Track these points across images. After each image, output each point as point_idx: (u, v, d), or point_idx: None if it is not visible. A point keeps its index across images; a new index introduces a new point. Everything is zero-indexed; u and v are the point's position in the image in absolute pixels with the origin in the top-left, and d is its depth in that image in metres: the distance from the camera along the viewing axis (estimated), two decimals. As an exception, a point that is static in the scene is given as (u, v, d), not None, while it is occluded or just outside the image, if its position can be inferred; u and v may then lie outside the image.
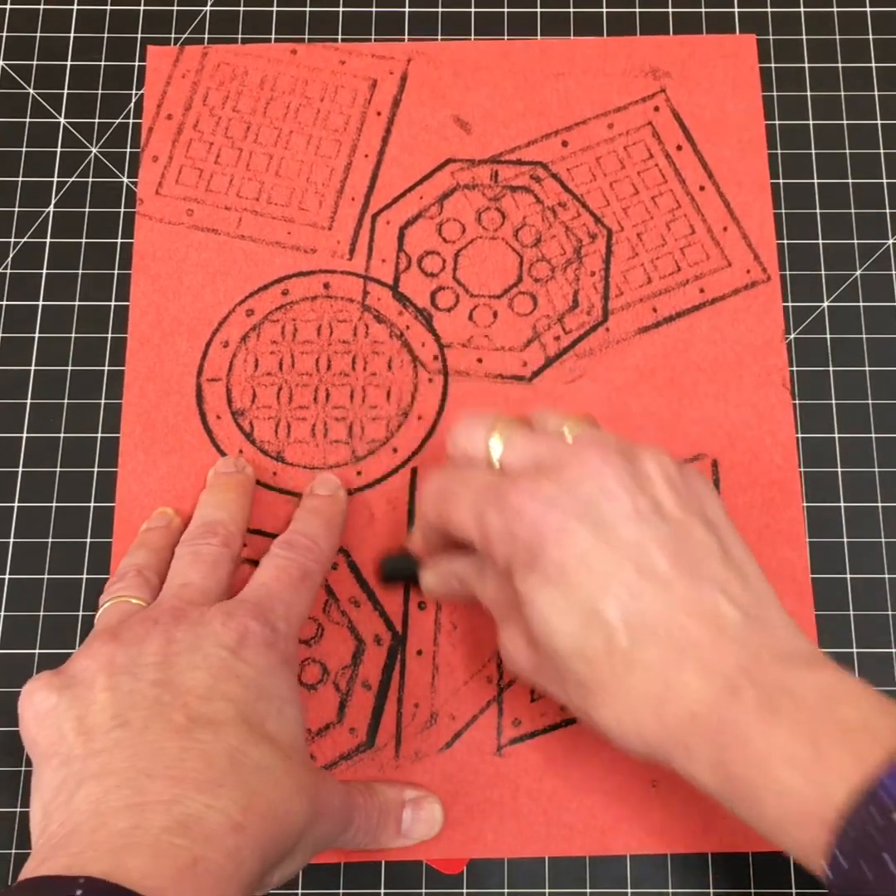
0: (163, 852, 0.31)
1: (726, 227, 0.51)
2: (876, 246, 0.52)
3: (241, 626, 0.39)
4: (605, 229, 0.51)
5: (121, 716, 0.36)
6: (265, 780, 0.35)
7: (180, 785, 0.33)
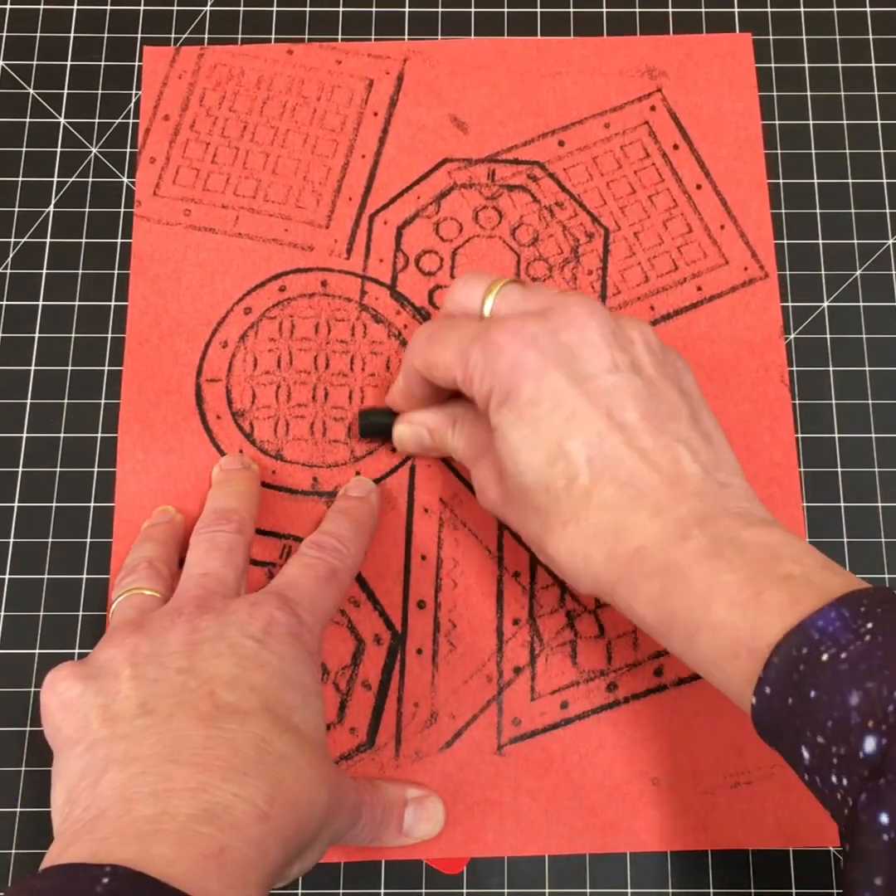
0: (188, 840, 0.31)
1: (723, 226, 0.51)
2: (876, 246, 0.52)
3: (267, 615, 0.39)
4: (603, 228, 0.51)
5: (146, 704, 0.36)
6: (289, 771, 0.35)
7: (206, 773, 0.34)
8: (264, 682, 0.37)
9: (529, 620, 0.46)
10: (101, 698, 0.37)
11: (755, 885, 0.44)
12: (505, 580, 0.47)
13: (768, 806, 0.44)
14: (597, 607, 0.46)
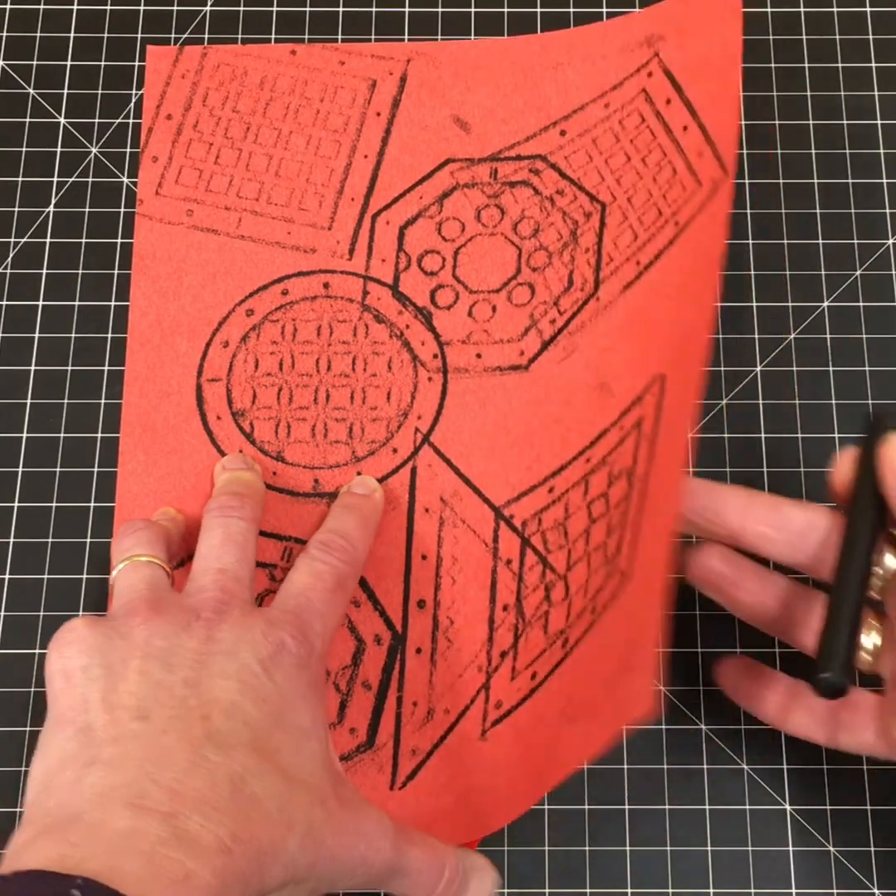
0: (157, 862, 0.31)
1: (702, 153, 0.49)
2: (876, 246, 0.52)
3: (279, 641, 0.38)
4: (600, 205, 0.51)
5: (144, 708, 0.36)
6: (256, 812, 0.35)
7: (180, 800, 0.33)
8: (259, 718, 0.37)
9: (516, 604, 0.46)
10: (103, 682, 0.37)
11: (755, 885, 0.44)
12: (498, 570, 0.47)
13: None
14: (567, 571, 0.46)
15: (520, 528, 0.47)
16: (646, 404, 0.47)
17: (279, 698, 0.38)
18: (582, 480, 0.47)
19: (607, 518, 0.46)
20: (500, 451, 0.48)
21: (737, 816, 0.45)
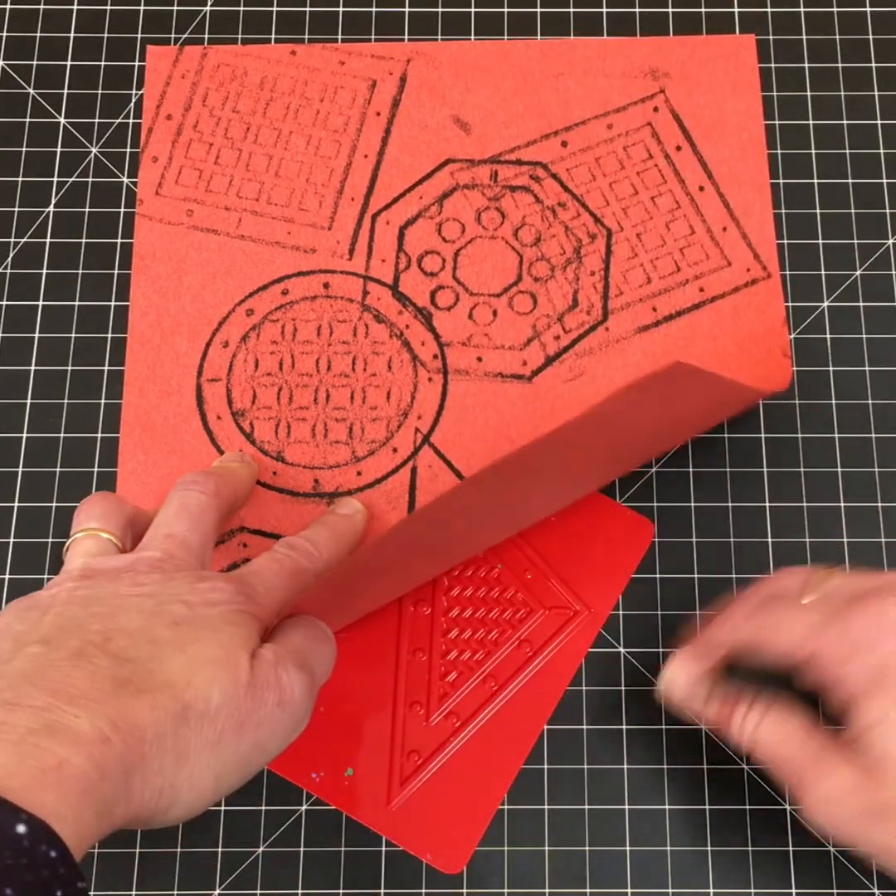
0: (27, 752, 0.31)
1: (726, 228, 0.51)
2: (876, 246, 0.52)
3: (210, 587, 0.38)
4: (605, 229, 0.51)
5: (49, 637, 0.36)
6: (141, 704, 0.34)
7: (56, 696, 0.33)
8: (167, 636, 0.36)
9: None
10: (22, 626, 0.37)
11: (755, 885, 0.44)
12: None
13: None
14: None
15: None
16: None
17: (196, 620, 0.37)
18: None
19: None
20: None
21: (737, 816, 0.45)
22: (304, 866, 0.44)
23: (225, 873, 0.44)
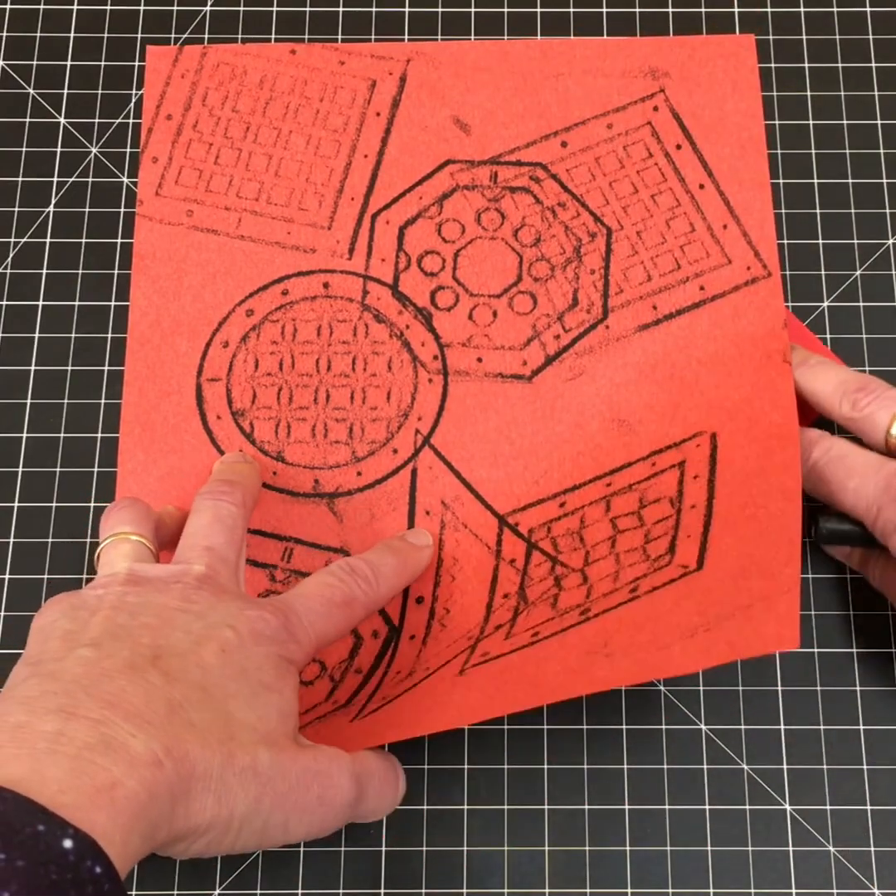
0: (83, 769, 0.31)
1: (726, 225, 0.51)
2: (876, 246, 0.52)
3: (257, 617, 0.38)
4: (605, 228, 0.51)
5: (98, 640, 0.36)
6: (193, 736, 0.34)
7: (111, 709, 0.33)
8: (215, 665, 0.36)
9: (519, 591, 0.46)
10: (69, 626, 0.37)
11: (755, 885, 0.44)
12: (500, 567, 0.47)
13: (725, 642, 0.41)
14: (584, 566, 0.46)
15: (526, 535, 0.47)
16: (687, 450, 0.47)
17: (242, 652, 0.37)
18: (602, 500, 0.47)
19: (643, 530, 0.46)
20: (502, 460, 0.48)
21: (737, 816, 0.45)
22: (304, 866, 0.44)
23: (225, 873, 0.44)
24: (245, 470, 0.46)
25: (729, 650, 0.40)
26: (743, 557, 0.44)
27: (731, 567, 0.44)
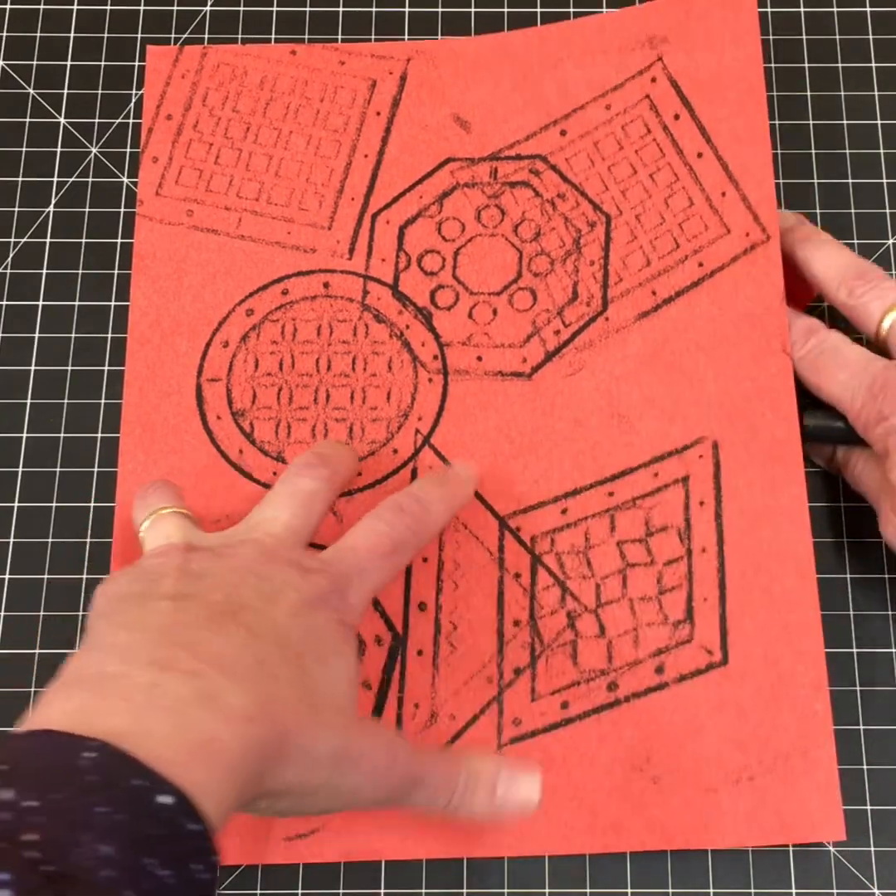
0: (181, 722, 0.31)
1: (725, 193, 0.50)
2: (876, 246, 0.52)
3: (315, 586, 0.39)
4: (604, 215, 0.51)
5: (173, 597, 0.36)
6: (280, 692, 0.35)
7: (205, 662, 0.33)
8: (287, 625, 0.37)
9: (530, 622, 0.46)
10: (140, 586, 0.37)
11: (755, 885, 0.44)
12: (506, 582, 0.47)
13: (770, 801, 0.44)
14: (597, 606, 0.46)
15: (528, 544, 0.47)
16: (689, 462, 0.47)
17: (308, 616, 0.38)
18: (605, 513, 0.47)
19: (654, 571, 0.46)
20: (502, 459, 0.48)
21: (737, 816, 0.45)
22: (305, 866, 0.44)
23: (225, 873, 0.44)
24: (340, 450, 0.46)
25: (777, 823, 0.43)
26: (769, 662, 0.45)
27: (758, 670, 0.45)
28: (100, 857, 0.27)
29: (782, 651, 0.45)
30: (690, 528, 0.47)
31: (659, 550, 0.47)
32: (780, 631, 0.45)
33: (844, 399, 0.44)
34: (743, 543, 0.46)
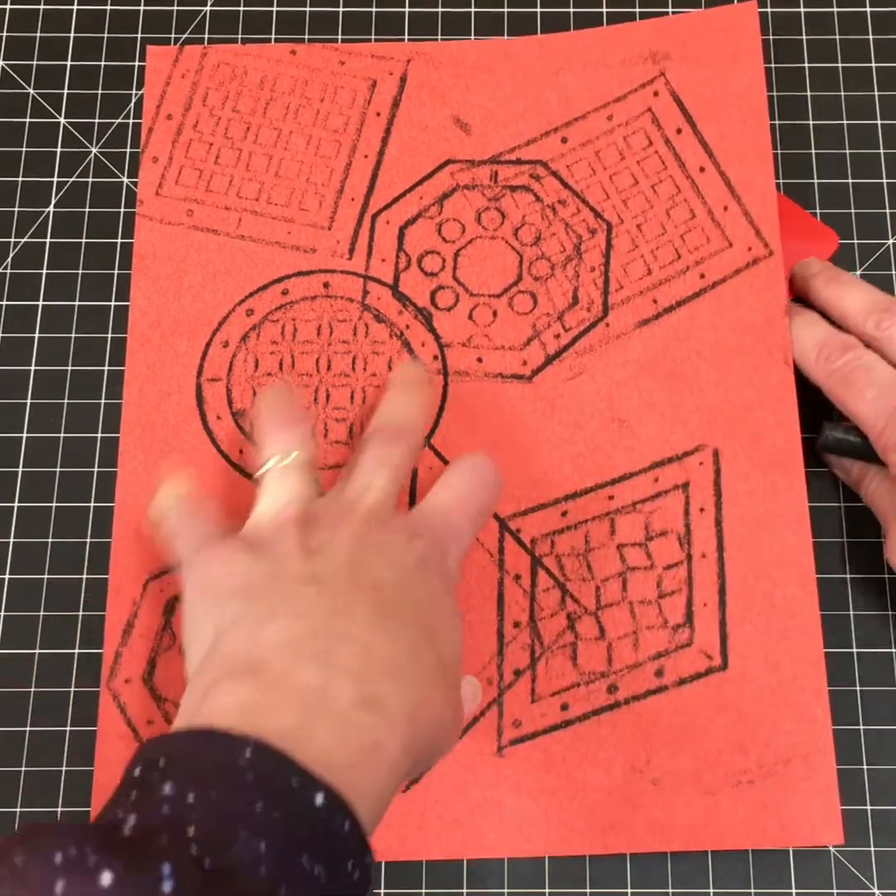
0: (348, 727, 0.32)
1: (727, 207, 0.51)
2: (876, 246, 0.52)
3: (423, 548, 0.39)
4: (605, 223, 0.51)
5: (316, 577, 0.37)
6: (432, 683, 0.35)
7: (368, 661, 0.34)
8: (422, 597, 0.38)
9: (530, 623, 0.46)
10: (266, 563, 0.37)
11: (755, 885, 0.44)
12: (506, 583, 0.47)
13: (770, 804, 0.44)
14: (597, 609, 0.46)
15: (528, 545, 0.47)
16: (690, 468, 0.48)
17: (432, 588, 0.39)
18: (605, 517, 0.47)
19: (654, 575, 0.47)
20: (502, 461, 0.48)
21: (737, 816, 0.45)
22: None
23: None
24: (423, 397, 0.47)
25: (777, 826, 0.44)
26: (769, 667, 0.45)
27: (757, 675, 0.45)
28: (257, 853, 0.28)
29: (782, 657, 0.45)
30: (690, 534, 0.47)
31: (659, 554, 0.47)
32: (780, 637, 0.45)
33: (869, 417, 0.45)
34: (743, 550, 0.46)
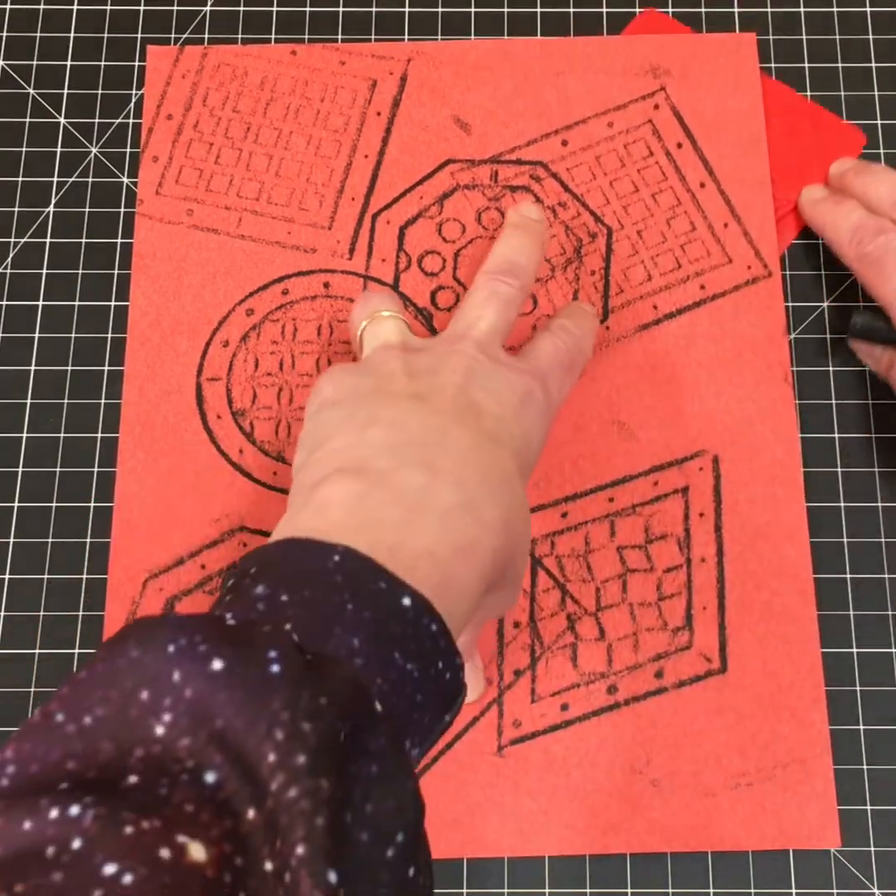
0: (447, 526, 0.33)
1: (727, 224, 0.51)
2: (876, 246, 0.52)
3: (528, 386, 0.41)
4: (606, 228, 0.51)
5: (419, 394, 0.37)
6: (518, 509, 0.36)
7: (467, 470, 0.35)
8: (519, 432, 0.39)
9: (530, 624, 0.46)
10: (374, 380, 0.38)
11: (755, 885, 0.44)
12: None
13: (769, 807, 0.44)
14: (597, 610, 0.46)
15: None
16: (689, 473, 0.48)
17: (529, 426, 0.40)
18: (605, 519, 0.47)
19: (654, 577, 0.47)
20: None
21: (737, 816, 0.45)
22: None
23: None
24: (537, 240, 0.47)
25: (775, 829, 0.44)
26: (767, 672, 0.46)
27: (756, 680, 0.46)
28: (352, 647, 0.28)
29: (781, 662, 0.45)
30: (690, 538, 0.47)
31: (658, 558, 0.47)
32: (778, 643, 0.46)
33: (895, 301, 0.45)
34: (743, 557, 0.47)
